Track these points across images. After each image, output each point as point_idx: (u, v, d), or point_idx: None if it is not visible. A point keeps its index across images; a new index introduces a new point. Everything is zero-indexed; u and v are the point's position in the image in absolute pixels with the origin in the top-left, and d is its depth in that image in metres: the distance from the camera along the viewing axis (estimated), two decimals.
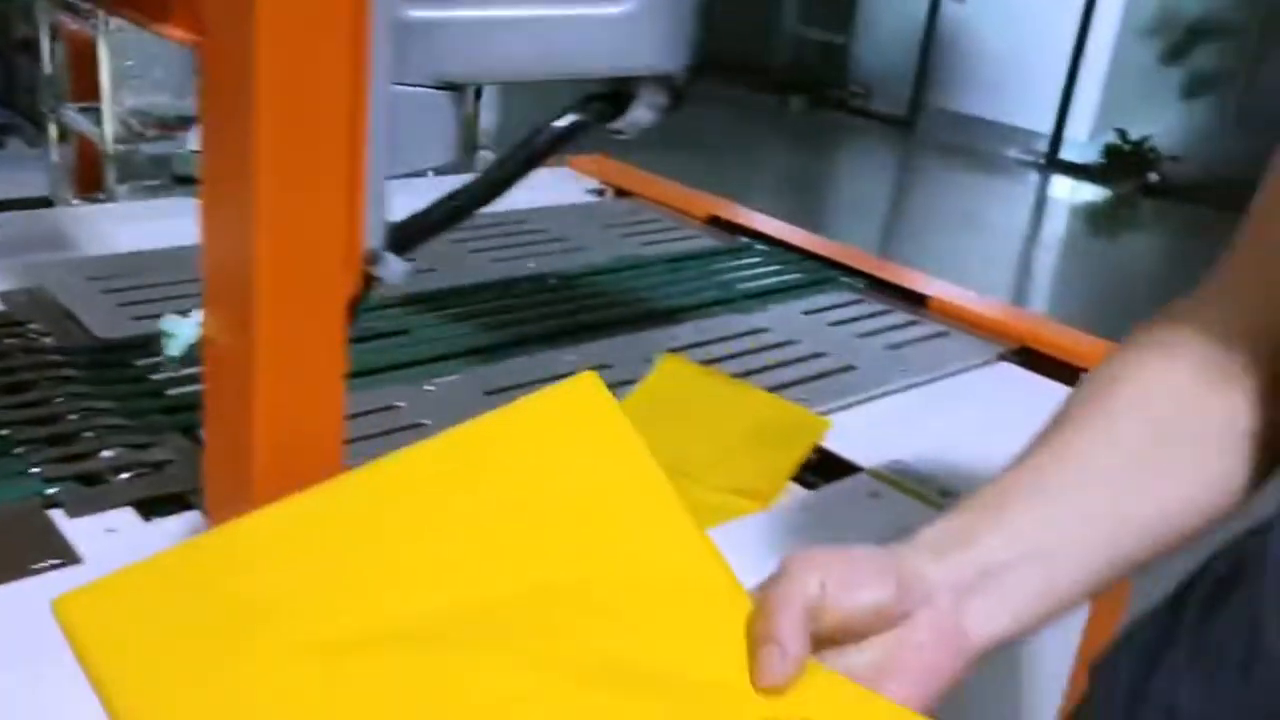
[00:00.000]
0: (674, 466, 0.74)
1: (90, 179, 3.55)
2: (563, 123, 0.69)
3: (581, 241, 1.66)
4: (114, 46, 3.39)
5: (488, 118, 3.97)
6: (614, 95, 0.68)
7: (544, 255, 1.58)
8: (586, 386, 0.60)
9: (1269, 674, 0.54)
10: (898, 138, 7.70)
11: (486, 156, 3.67)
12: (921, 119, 7.66)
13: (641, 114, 0.68)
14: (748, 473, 1.03)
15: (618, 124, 0.69)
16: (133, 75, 3.47)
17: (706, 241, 1.73)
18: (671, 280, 1.54)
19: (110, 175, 3.42)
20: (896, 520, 1.00)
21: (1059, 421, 0.62)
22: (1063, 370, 1.38)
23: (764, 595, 0.51)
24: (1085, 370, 1.37)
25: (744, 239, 1.76)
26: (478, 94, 3.56)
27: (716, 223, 1.81)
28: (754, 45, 8.80)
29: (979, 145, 7.22)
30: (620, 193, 1.95)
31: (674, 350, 1.31)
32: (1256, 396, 0.60)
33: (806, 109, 8.13)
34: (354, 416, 1.07)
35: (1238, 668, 0.56)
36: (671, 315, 1.41)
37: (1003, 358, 1.42)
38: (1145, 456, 0.60)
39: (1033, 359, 1.42)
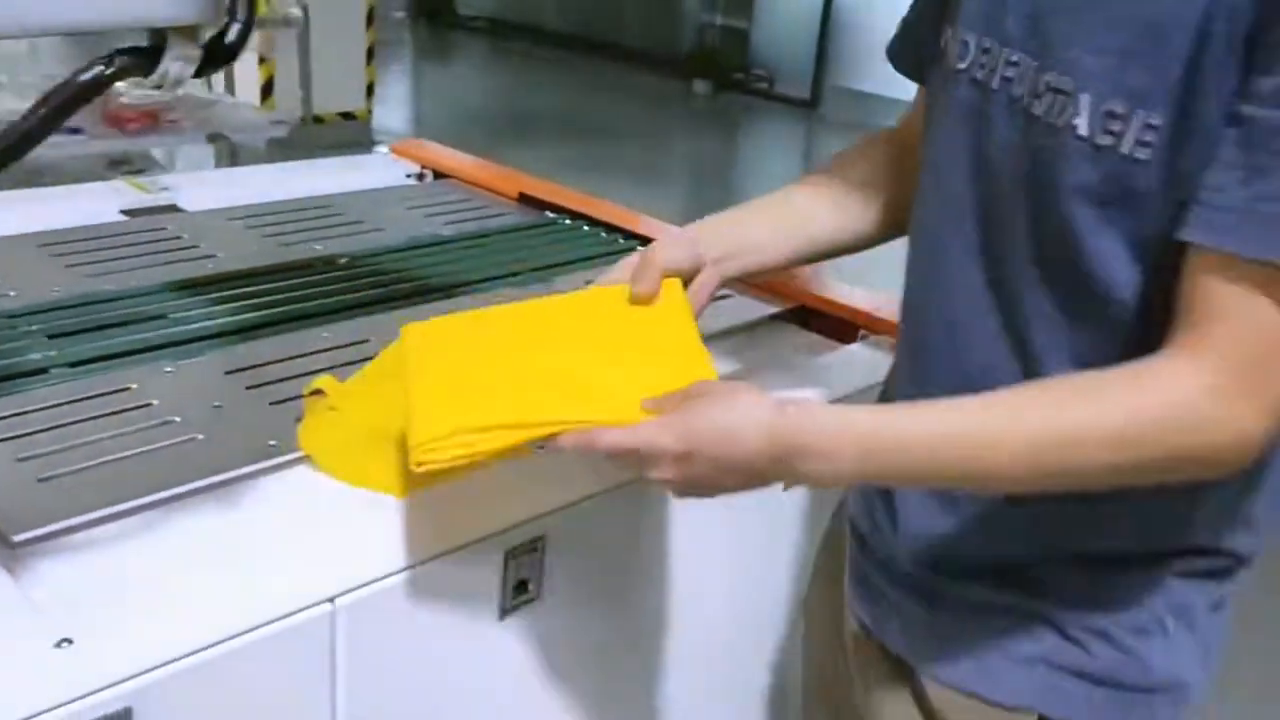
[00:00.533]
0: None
1: None
2: (88, 75, 0.69)
3: (381, 223, 1.66)
4: None
5: None
6: (145, 48, 0.68)
7: (337, 238, 1.58)
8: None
9: None
10: (801, 118, 7.76)
11: None
12: (823, 99, 7.72)
13: (176, 68, 0.68)
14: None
15: (154, 78, 0.69)
16: None
17: (513, 219, 1.74)
18: (461, 257, 1.54)
19: None
20: None
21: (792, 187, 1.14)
22: (842, 328, 1.41)
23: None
24: (862, 329, 1.41)
25: (551, 215, 1.77)
26: None
27: (526, 200, 1.82)
28: (659, 32, 8.82)
29: (879, 121, 7.26)
30: (439, 175, 1.96)
31: None
32: (885, 195, 1.08)
33: (711, 94, 8.17)
34: (85, 399, 1.07)
35: None
36: (450, 291, 1.42)
37: (777, 317, 1.45)
38: (819, 206, 1.10)
39: (811, 317, 1.45)
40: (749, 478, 0.81)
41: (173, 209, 1.69)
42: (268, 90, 5.30)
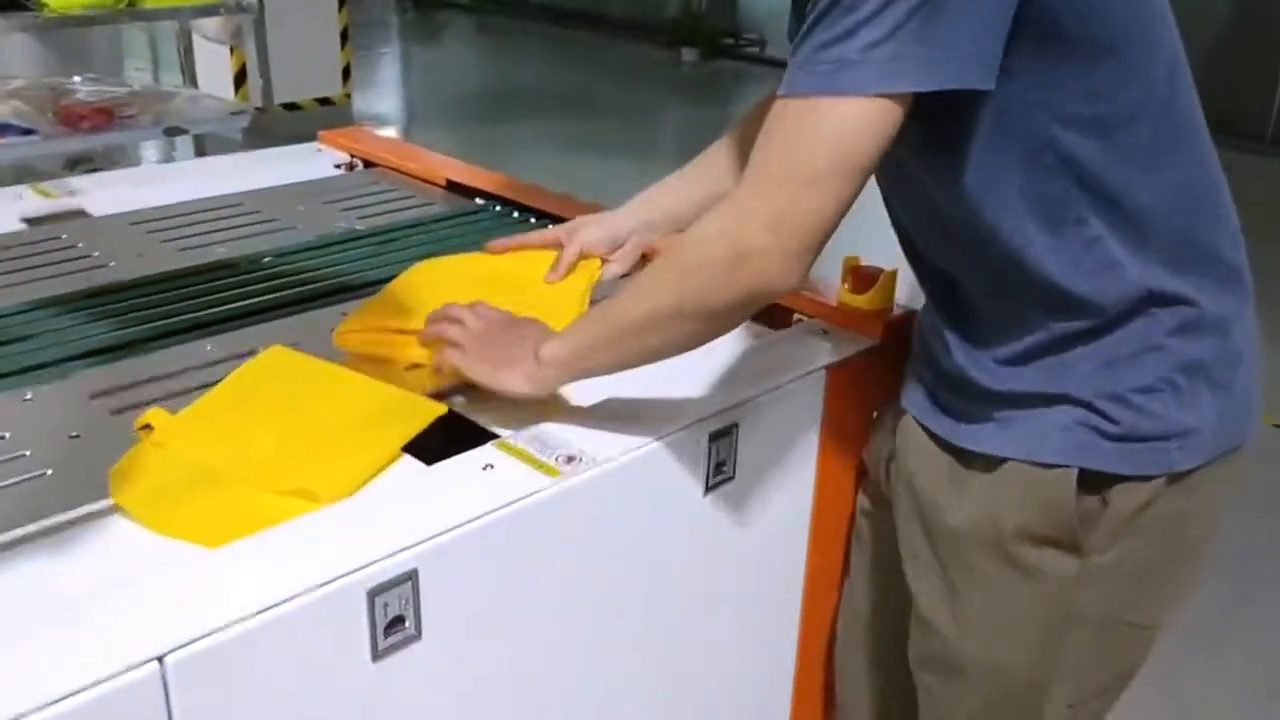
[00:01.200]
0: (240, 462, 0.96)
1: None
2: None
3: (293, 221, 1.56)
4: None
5: None
6: None
7: (244, 239, 1.49)
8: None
9: None
10: None
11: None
12: None
13: None
14: (323, 465, 0.96)
15: None
16: None
17: (438, 208, 1.64)
18: (372, 253, 1.45)
19: None
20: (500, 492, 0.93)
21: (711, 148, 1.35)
22: (775, 312, 1.31)
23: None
24: (797, 313, 1.31)
25: (481, 201, 1.67)
26: None
27: (454, 187, 1.72)
28: (645, 1, 8.67)
29: None
30: (369, 164, 1.86)
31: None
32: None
33: (700, 61, 8.02)
34: None
35: None
36: (352, 291, 1.33)
37: None
38: (733, 162, 1.30)
39: None
40: (503, 342, 1.07)
41: (79, 214, 1.60)
42: (241, 79, 5.19)
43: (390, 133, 5.90)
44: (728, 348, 1.23)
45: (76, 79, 3.62)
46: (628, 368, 1.03)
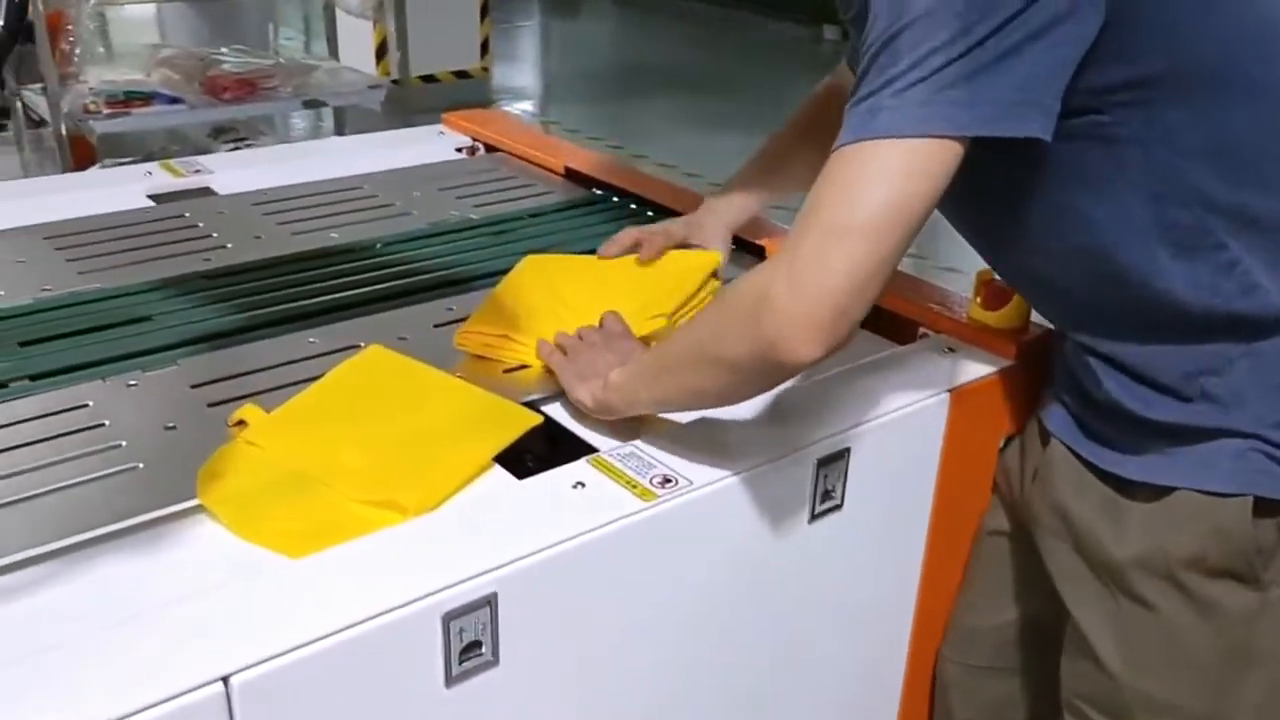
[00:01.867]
0: (329, 468, 0.93)
1: (82, 156, 3.52)
2: None
3: (409, 206, 1.54)
4: (88, 22, 3.34)
5: None
6: None
7: (358, 224, 1.47)
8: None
9: None
10: None
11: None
12: None
13: None
14: (412, 476, 0.92)
15: None
16: (100, 52, 3.44)
17: (554, 197, 1.60)
18: (483, 244, 1.42)
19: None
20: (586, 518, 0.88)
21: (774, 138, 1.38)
22: (899, 325, 1.23)
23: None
24: (922, 327, 1.23)
25: (598, 191, 1.63)
26: None
27: (572, 175, 1.68)
28: None
29: None
30: (490, 148, 1.83)
31: (441, 325, 1.20)
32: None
33: (841, 39, 7.80)
34: (36, 419, 0.99)
35: None
36: (457, 285, 1.30)
37: None
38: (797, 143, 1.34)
39: None
40: (592, 363, 1.05)
41: (205, 192, 1.62)
42: (382, 52, 5.27)
43: (527, 107, 5.91)
44: (842, 365, 1.16)
45: (224, 50, 3.72)
46: (671, 409, 1.01)
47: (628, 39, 8.88)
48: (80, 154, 3.40)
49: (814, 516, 1.03)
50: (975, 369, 1.13)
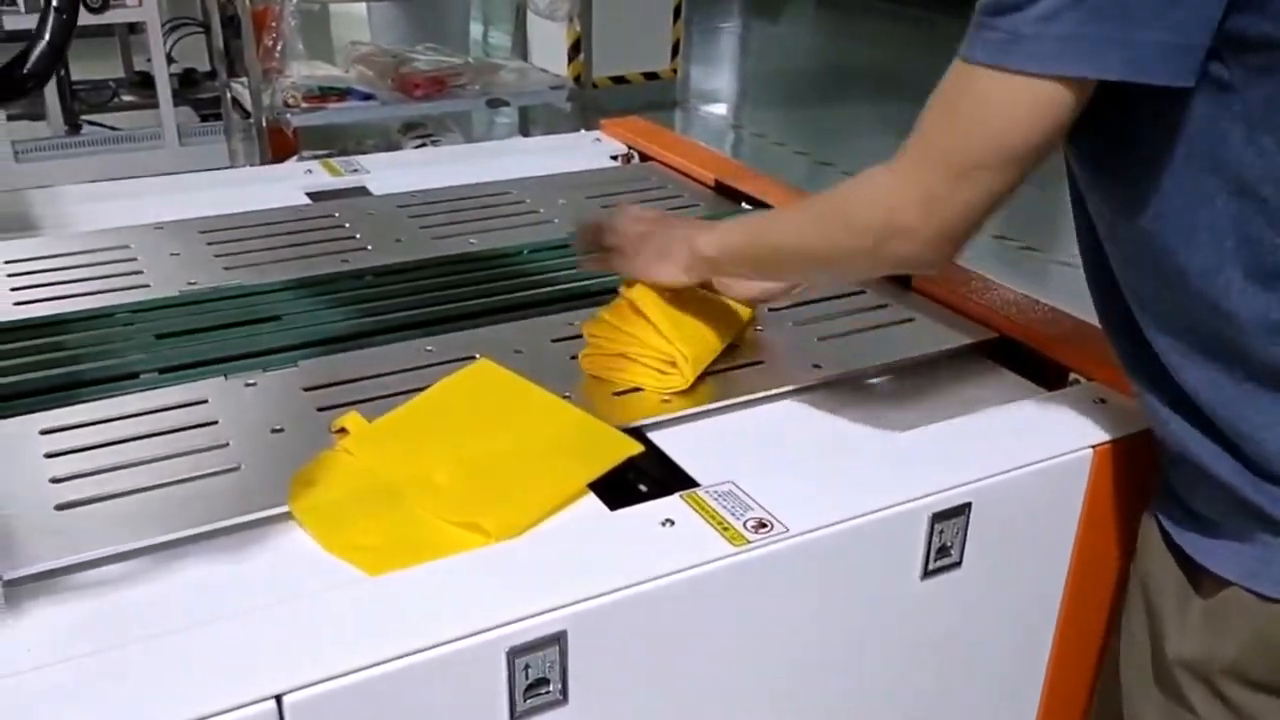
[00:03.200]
0: (420, 483, 0.93)
1: (282, 147, 3.71)
2: None
3: (551, 214, 1.53)
4: (290, 19, 3.51)
5: None
6: None
7: (499, 230, 1.47)
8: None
9: None
10: None
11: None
12: None
13: None
14: (500, 499, 0.90)
15: None
16: (301, 47, 3.61)
17: (699, 210, 1.56)
18: None
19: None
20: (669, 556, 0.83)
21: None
22: (1048, 369, 1.13)
23: None
24: (1074, 372, 1.13)
25: (747, 206, 1.57)
26: None
27: (722, 189, 1.63)
28: None
29: None
30: (645, 157, 1.81)
31: (559, 340, 1.18)
32: None
33: None
34: (155, 412, 1.02)
35: None
36: (583, 298, 1.27)
37: (971, 350, 1.18)
38: None
39: (1013, 352, 1.18)
40: (663, 242, 1.08)
41: (360, 192, 1.65)
42: (574, 53, 5.34)
43: (719, 110, 5.87)
44: (975, 406, 1.07)
45: (419, 48, 3.84)
46: (767, 279, 1.12)
47: (829, 41, 8.73)
48: (279, 145, 3.57)
49: (927, 574, 0.95)
50: (1127, 424, 1.02)
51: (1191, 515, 0.91)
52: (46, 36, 0.57)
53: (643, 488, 0.97)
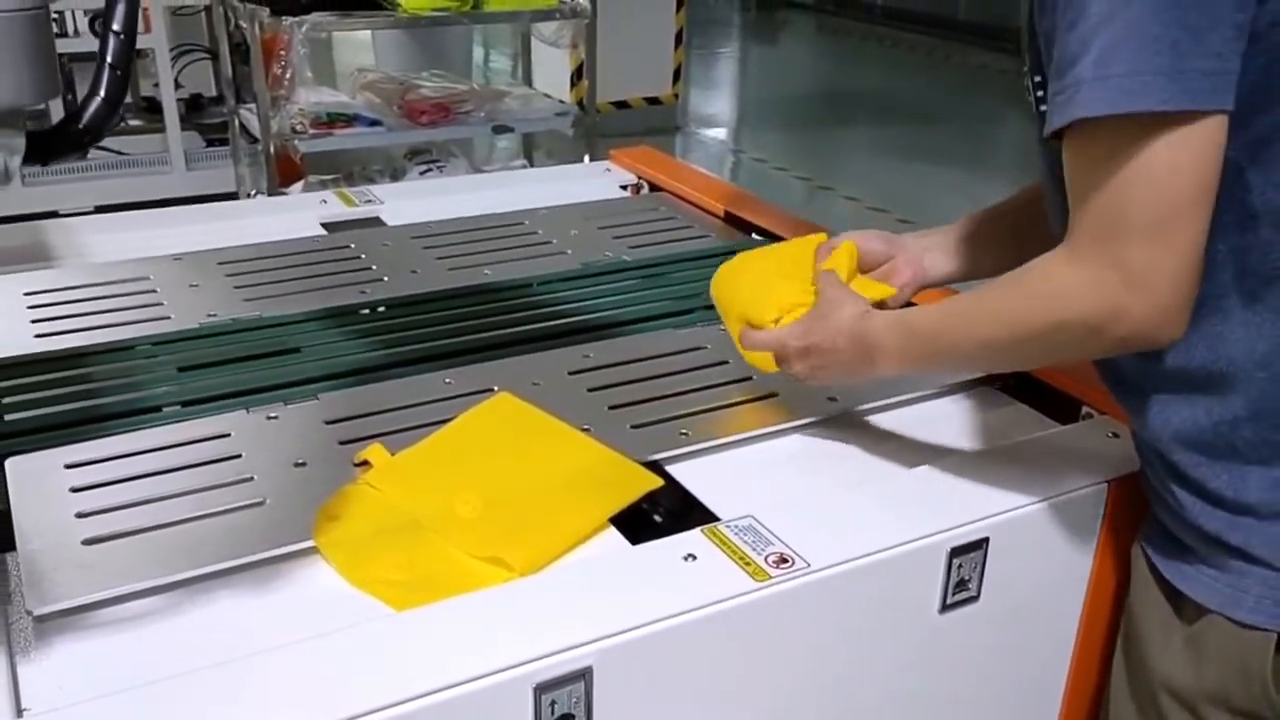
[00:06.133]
0: (444, 518, 0.94)
1: (288, 172, 3.73)
2: None
3: (564, 245, 1.55)
4: (300, 47, 3.53)
5: None
6: None
7: (514, 261, 1.49)
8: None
9: None
10: None
11: None
12: None
13: None
14: (523, 534, 0.91)
15: None
16: (309, 74, 3.63)
17: (709, 242, 1.58)
18: (631, 288, 1.40)
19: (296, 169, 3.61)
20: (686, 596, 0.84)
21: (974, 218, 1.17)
22: (1061, 402, 1.15)
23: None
24: (1086, 405, 1.14)
25: (757, 236, 1.59)
26: None
27: (731, 220, 1.64)
28: (994, 5, 8.23)
29: None
30: (654, 187, 1.82)
31: (576, 372, 1.19)
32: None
33: None
34: (179, 446, 1.03)
35: None
36: (604, 329, 1.28)
37: (983, 381, 1.20)
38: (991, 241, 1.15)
39: (1025, 385, 1.19)
40: (849, 369, 1.01)
41: (374, 222, 1.67)
42: (576, 78, 5.38)
43: (719, 134, 5.90)
44: (991, 444, 1.09)
45: (424, 74, 3.86)
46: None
47: (828, 66, 8.78)
48: (285, 170, 3.60)
49: (945, 607, 0.96)
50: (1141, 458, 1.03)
51: (1174, 543, 0.93)
52: (102, 92, 0.58)
53: (657, 518, 0.98)
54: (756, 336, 1.08)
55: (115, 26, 0.58)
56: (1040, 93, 0.84)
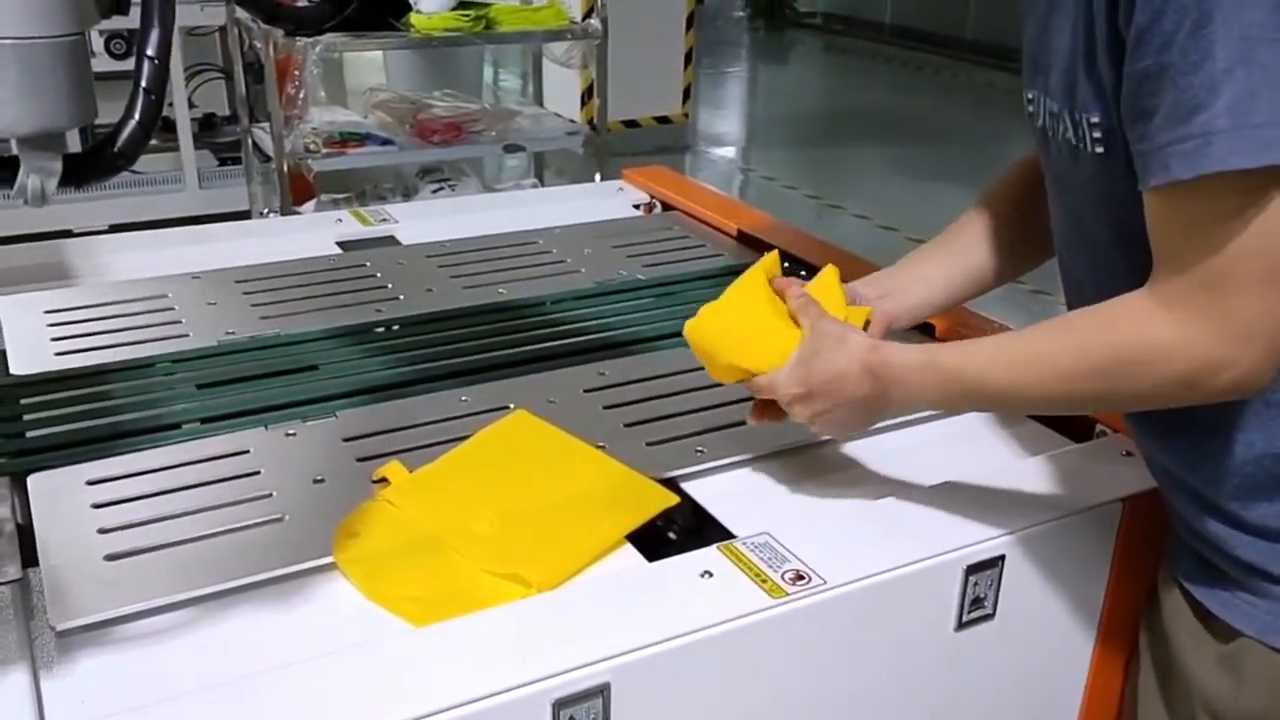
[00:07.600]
0: (462, 535, 0.94)
1: (301, 191, 3.76)
2: None
3: (578, 264, 1.56)
4: (313, 67, 3.55)
5: None
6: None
7: (527, 279, 1.50)
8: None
9: None
10: None
11: None
12: None
13: (33, 182, 0.58)
14: (541, 550, 0.92)
15: (14, 192, 0.59)
16: (321, 94, 3.66)
17: (722, 261, 1.58)
18: (645, 306, 1.41)
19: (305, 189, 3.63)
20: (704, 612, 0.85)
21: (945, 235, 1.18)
22: (1073, 421, 1.15)
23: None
24: (1100, 424, 1.14)
25: None
26: None
27: (745, 239, 1.65)
28: (1003, 25, 8.25)
29: None
30: (667, 206, 1.83)
31: (591, 390, 1.20)
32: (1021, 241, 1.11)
33: None
34: (198, 463, 1.04)
35: None
36: (619, 347, 1.29)
37: None
38: (969, 252, 1.14)
39: None
40: (862, 412, 0.96)
41: (389, 241, 1.68)
42: (587, 97, 5.41)
43: (727, 153, 5.92)
44: (1006, 461, 1.09)
45: (436, 94, 3.89)
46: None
47: (836, 85, 8.82)
48: (298, 189, 3.62)
49: (961, 625, 0.96)
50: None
51: (1205, 569, 0.92)
52: (136, 116, 0.59)
53: (673, 535, 0.99)
54: (758, 382, 0.99)
55: (149, 52, 0.60)
56: (1098, 134, 0.83)
